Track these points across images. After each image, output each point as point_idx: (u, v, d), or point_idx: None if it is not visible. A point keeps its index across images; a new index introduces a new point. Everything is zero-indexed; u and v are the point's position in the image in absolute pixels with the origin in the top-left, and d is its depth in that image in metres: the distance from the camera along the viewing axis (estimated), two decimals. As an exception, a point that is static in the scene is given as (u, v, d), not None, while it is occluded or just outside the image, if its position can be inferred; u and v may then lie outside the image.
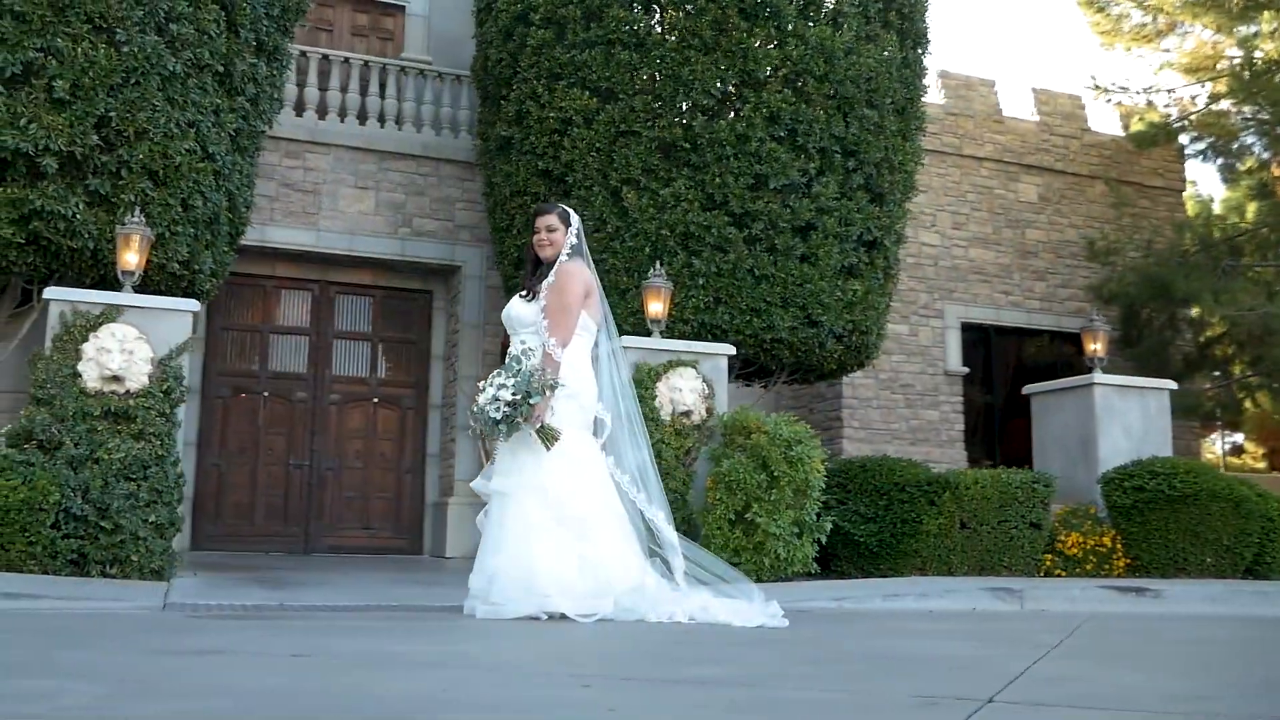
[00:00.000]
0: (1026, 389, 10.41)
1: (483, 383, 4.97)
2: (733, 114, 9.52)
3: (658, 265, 8.71)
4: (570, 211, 5.45)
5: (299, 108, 11.48)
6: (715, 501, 7.54)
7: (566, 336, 5.10)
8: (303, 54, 11.58)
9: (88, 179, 7.27)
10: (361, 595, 6.00)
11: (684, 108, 9.46)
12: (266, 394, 11.59)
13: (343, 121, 11.56)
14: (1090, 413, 9.40)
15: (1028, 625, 4.98)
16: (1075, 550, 8.23)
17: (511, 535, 4.83)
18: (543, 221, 5.36)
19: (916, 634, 4.28)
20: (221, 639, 3.39)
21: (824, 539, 7.66)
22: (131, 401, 6.72)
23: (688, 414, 8.02)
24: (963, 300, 14.62)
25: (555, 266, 5.27)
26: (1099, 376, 9.50)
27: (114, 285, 7.20)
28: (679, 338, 9.08)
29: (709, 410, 8.12)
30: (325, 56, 11.68)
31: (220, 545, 11.09)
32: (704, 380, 8.14)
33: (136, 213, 7.19)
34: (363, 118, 11.70)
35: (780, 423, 7.68)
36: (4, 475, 6.16)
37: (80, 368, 6.68)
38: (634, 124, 9.45)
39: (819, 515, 7.67)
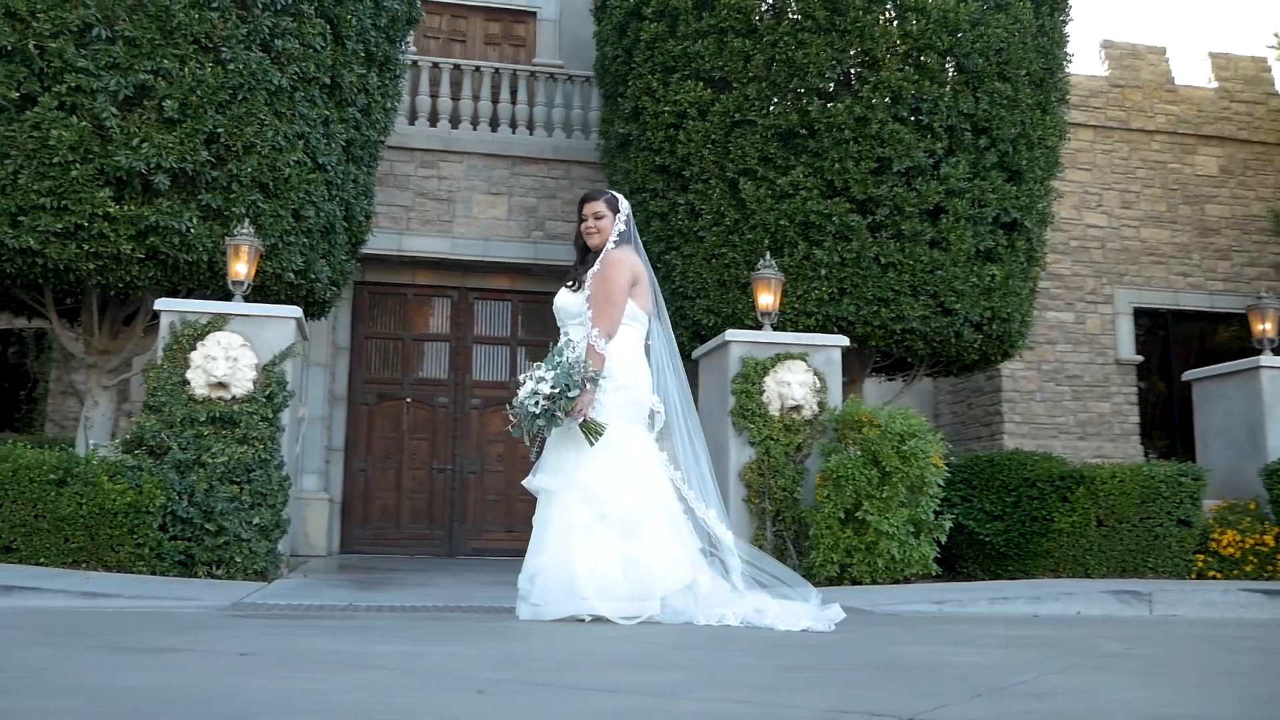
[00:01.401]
0: (1186, 375, 9.59)
1: (523, 375, 4.85)
2: (851, 96, 9.12)
3: (767, 256, 8.41)
4: (619, 198, 5.25)
5: (433, 118, 11.70)
6: (824, 499, 7.21)
7: (611, 327, 4.92)
8: (435, 65, 11.81)
9: (200, 194, 7.54)
10: (441, 597, 5.97)
11: (800, 93, 9.12)
12: (410, 400, 11.84)
13: (475, 129, 11.71)
14: (1258, 399, 8.54)
15: (1121, 631, 4.49)
16: (1232, 550, 7.46)
17: (553, 535, 4.69)
18: (590, 208, 5.18)
19: (961, 640, 3.89)
20: (199, 638, 3.37)
21: (943, 539, 7.21)
22: (236, 407, 6.91)
23: (797, 409, 7.69)
24: (1135, 284, 13.65)
25: (601, 255, 5.10)
26: (1267, 359, 8.63)
27: (232, 296, 7.43)
28: (803, 331, 8.78)
29: (821, 405, 7.77)
30: (457, 66, 11.86)
31: (368, 548, 11.39)
32: (815, 373, 7.80)
33: (246, 224, 7.40)
34: (494, 124, 11.83)
35: (894, 416, 7.28)
36: (113, 480, 6.43)
37: (188, 375, 6.91)
38: (749, 113, 9.18)
39: (938, 513, 7.25)
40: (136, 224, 7.31)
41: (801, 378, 7.73)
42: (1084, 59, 16.68)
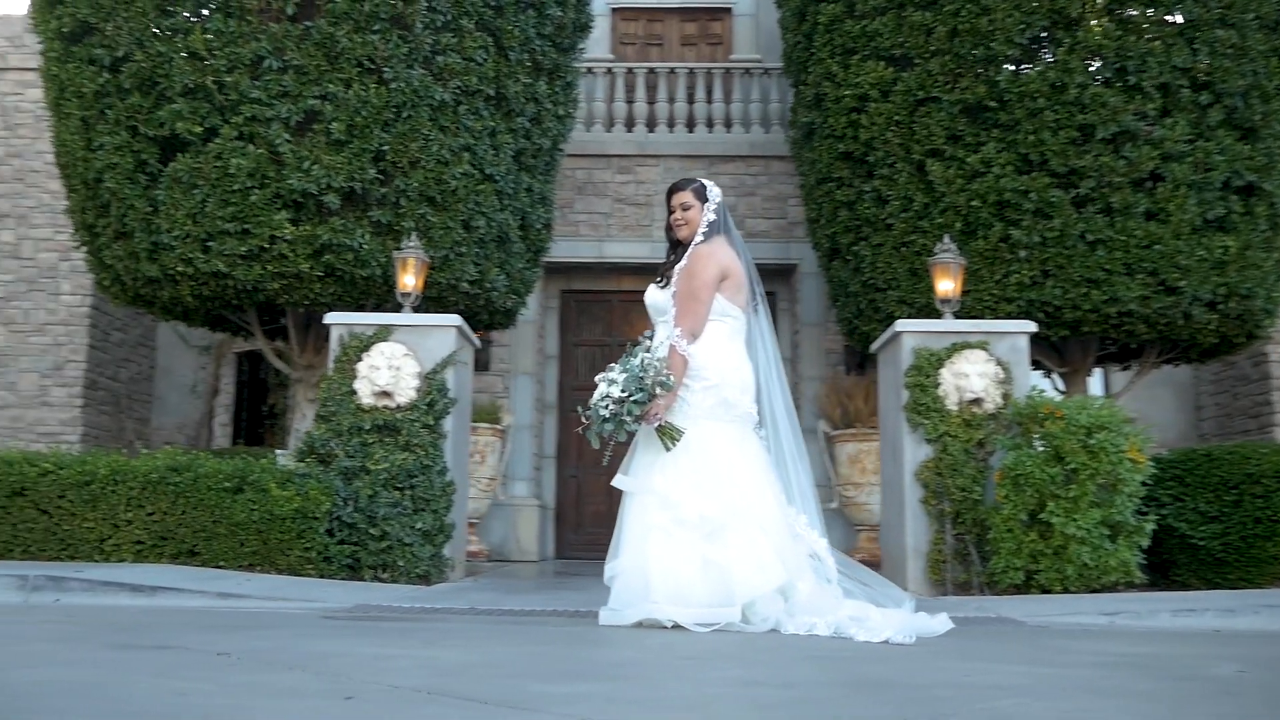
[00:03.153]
0: None
1: (599, 376, 4.67)
2: (1044, 61, 8.39)
3: (946, 239, 7.83)
4: (708, 185, 4.96)
5: (629, 123, 11.73)
6: (1003, 499, 6.62)
7: (695, 326, 4.66)
8: (629, 70, 11.83)
9: (370, 210, 7.82)
10: (571, 602, 5.85)
11: (987, 63, 8.46)
12: (618, 405, 11.84)
13: (671, 131, 11.64)
14: None
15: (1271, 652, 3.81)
16: None
17: (630, 537, 4.51)
18: (676, 199, 4.93)
19: (1034, 658, 3.37)
20: (218, 639, 3.40)
21: (1145, 542, 6.45)
22: (399, 415, 7.10)
23: (977, 402, 7.10)
24: None
25: (689, 249, 4.85)
26: None
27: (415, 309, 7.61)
28: (1005, 318, 8.17)
29: (1005, 397, 7.14)
30: (651, 70, 11.84)
31: (581, 553, 11.51)
32: (997, 363, 7.17)
33: (412, 237, 7.61)
34: (691, 125, 11.72)
35: (1080, 407, 6.60)
36: (281, 487, 6.74)
37: (355, 385, 7.16)
38: (933, 89, 8.61)
39: (1143, 514, 6.50)
40: (312, 243, 7.65)
41: (981, 368, 7.13)
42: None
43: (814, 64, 9.47)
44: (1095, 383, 11.82)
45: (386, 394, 7.12)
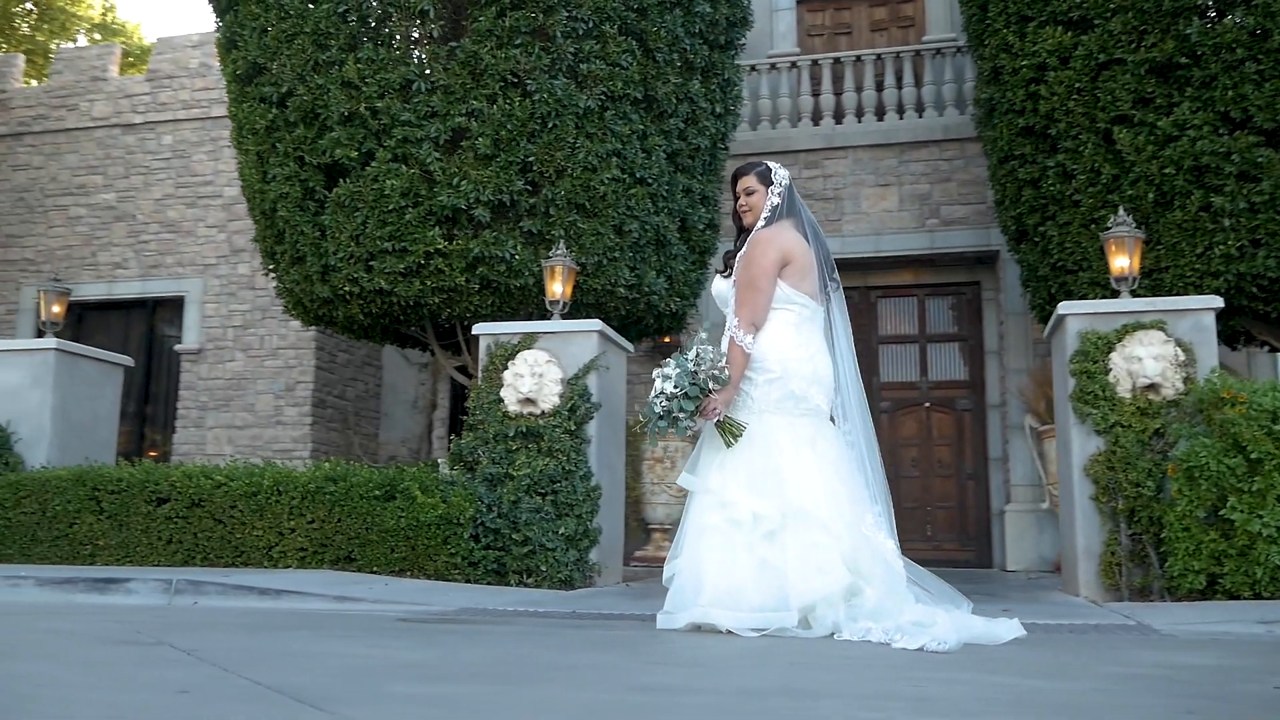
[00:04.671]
0: None
1: (656, 372, 4.51)
2: (1242, 7, 7.52)
3: (1120, 211, 7.14)
4: (774, 168, 4.70)
5: (815, 117, 11.40)
6: (1177, 495, 5.95)
7: (754, 316, 4.41)
8: (814, 63, 11.51)
9: (520, 221, 7.95)
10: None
11: (1175, 16, 7.66)
12: (818, 407, 11.53)
13: (859, 121, 11.24)
14: None
15: None
16: None
17: (688, 538, 4.30)
18: (741, 185, 4.70)
19: (1065, 670, 2.94)
20: (219, 638, 3.50)
21: (1348, 542, 5.62)
22: (542, 421, 7.17)
23: (1153, 388, 6.41)
24: None
25: (750, 236, 4.62)
26: None
27: (565, 316, 7.69)
28: (1211, 293, 7.40)
29: (1187, 381, 6.41)
30: (837, 60, 11.47)
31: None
32: (1176, 345, 6.45)
33: (560, 245, 7.68)
34: (880, 113, 11.26)
35: (1264, 390, 5.85)
36: (427, 494, 6.95)
37: (502, 394, 7.29)
38: (1116, 51, 7.89)
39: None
40: (465, 256, 7.85)
41: (1156, 350, 6.43)
42: None
43: (989, 35, 8.88)
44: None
45: (530, 401, 7.20)
